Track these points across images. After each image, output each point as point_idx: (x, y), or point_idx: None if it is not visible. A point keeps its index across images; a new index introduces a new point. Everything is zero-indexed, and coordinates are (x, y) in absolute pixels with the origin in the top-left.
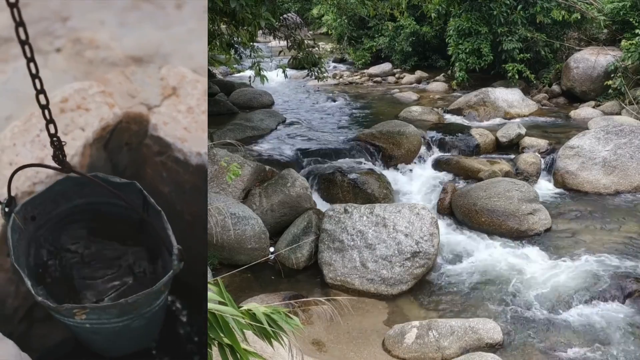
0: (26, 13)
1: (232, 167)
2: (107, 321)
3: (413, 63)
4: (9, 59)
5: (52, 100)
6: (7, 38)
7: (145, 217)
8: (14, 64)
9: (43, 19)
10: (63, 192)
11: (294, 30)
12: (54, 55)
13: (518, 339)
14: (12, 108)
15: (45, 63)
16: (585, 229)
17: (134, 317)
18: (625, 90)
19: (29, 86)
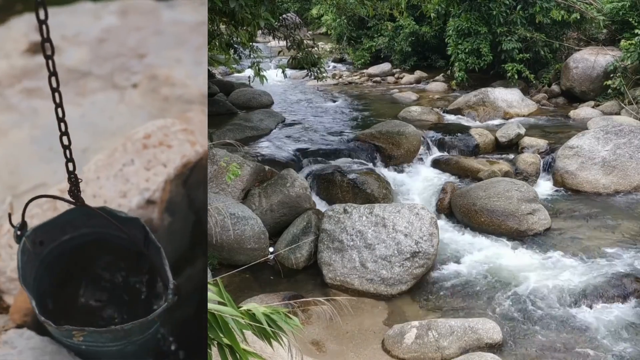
0: (103, 49)
1: (231, 167)
2: (102, 345)
3: (412, 63)
4: (86, 93)
5: (135, 136)
6: (85, 72)
7: (145, 251)
8: (91, 97)
9: (120, 55)
10: (71, 221)
11: (293, 30)
12: (130, 90)
13: (517, 339)
14: (88, 141)
15: (122, 98)
16: (585, 228)
17: (126, 343)
18: (624, 90)
19: (105, 120)
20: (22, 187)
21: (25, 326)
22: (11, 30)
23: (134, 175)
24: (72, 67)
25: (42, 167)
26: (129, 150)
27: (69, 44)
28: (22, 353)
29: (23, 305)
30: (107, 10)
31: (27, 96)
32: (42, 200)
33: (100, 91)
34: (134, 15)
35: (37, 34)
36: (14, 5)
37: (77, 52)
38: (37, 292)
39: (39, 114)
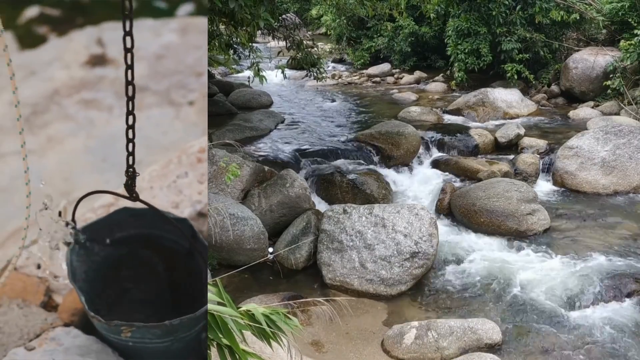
0: (162, 65)
1: (231, 168)
2: (149, 341)
3: (412, 63)
4: (143, 108)
5: (190, 150)
6: (143, 87)
7: (193, 248)
8: (147, 112)
9: (178, 72)
10: (119, 221)
11: (292, 31)
12: (186, 107)
13: (517, 339)
14: (142, 154)
15: (177, 114)
16: (584, 229)
17: (173, 339)
18: (624, 91)
19: (159, 134)
20: (75, 194)
21: (72, 325)
22: (72, 42)
23: (187, 188)
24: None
25: (95, 177)
26: (184, 163)
27: None
28: (68, 350)
29: (71, 305)
30: (167, 28)
31: (84, 107)
32: (95, 205)
33: (156, 106)
34: (194, 34)
35: (98, 46)
36: (74, 18)
37: (135, 66)
38: (86, 289)
39: (95, 125)
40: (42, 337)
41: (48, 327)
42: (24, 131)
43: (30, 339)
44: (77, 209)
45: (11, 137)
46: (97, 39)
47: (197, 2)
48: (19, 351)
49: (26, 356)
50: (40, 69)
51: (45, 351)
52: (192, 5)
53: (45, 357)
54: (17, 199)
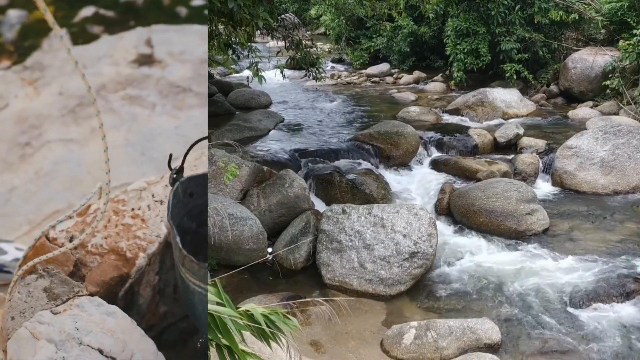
0: (205, 69)
1: (230, 168)
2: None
3: (411, 63)
4: (184, 107)
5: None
6: (185, 88)
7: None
8: (187, 112)
9: None
10: (205, 186)
11: (291, 31)
12: None
13: (516, 339)
14: (180, 151)
15: None
16: (584, 229)
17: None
18: (623, 91)
19: (197, 134)
20: (113, 184)
21: (96, 295)
22: (122, 40)
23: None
24: (174, 82)
25: (133, 169)
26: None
27: (174, 60)
28: (91, 316)
29: (98, 277)
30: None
31: (128, 102)
32: (129, 188)
33: (197, 107)
34: None
35: (146, 47)
36: (128, 20)
37: (180, 68)
38: (180, 231)
39: (137, 120)
40: (68, 303)
41: (74, 295)
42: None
43: (57, 305)
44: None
45: (56, 126)
46: (147, 40)
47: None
48: (45, 314)
49: (52, 319)
50: (89, 64)
51: (70, 315)
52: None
53: (69, 320)
54: (58, 184)
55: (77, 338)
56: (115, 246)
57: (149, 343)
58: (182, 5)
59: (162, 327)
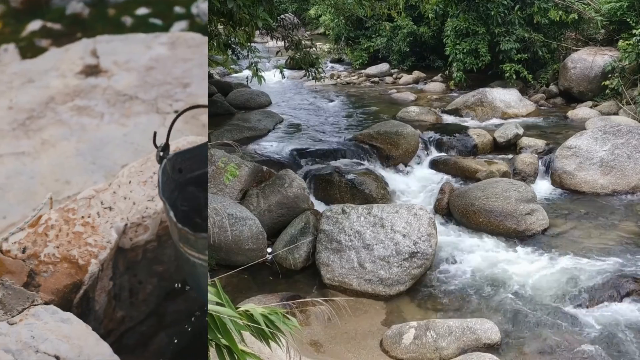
0: (151, 76)
1: (229, 168)
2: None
3: (410, 63)
4: (131, 115)
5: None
6: (132, 96)
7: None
8: (135, 119)
9: (166, 83)
10: (204, 156)
11: (291, 31)
12: (172, 115)
13: (516, 339)
14: (129, 158)
15: (163, 122)
16: (583, 229)
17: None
18: (622, 91)
19: (145, 140)
20: (66, 193)
21: (51, 304)
22: (69, 52)
23: None
24: (121, 90)
25: (85, 177)
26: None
27: (120, 69)
28: (47, 324)
29: (52, 286)
30: (157, 41)
31: (77, 113)
32: (79, 196)
33: (144, 114)
34: (182, 48)
35: (92, 57)
36: (75, 32)
37: (126, 77)
38: (172, 205)
39: (87, 130)
40: (24, 313)
41: (30, 304)
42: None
43: (13, 315)
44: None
45: (7, 140)
46: (92, 51)
47: (192, 19)
48: (2, 325)
49: (8, 329)
50: (38, 77)
51: (25, 324)
52: (187, 22)
53: (25, 329)
54: (11, 197)
55: (33, 346)
56: (67, 254)
57: (105, 347)
58: (128, 15)
59: (121, 331)
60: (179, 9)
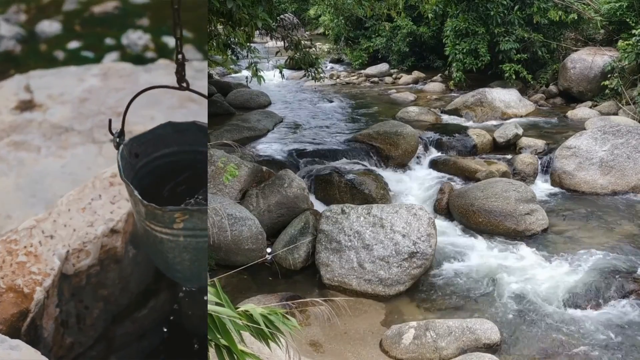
0: (85, 107)
1: (229, 168)
2: (199, 233)
3: (410, 63)
4: (68, 147)
5: (103, 176)
6: (68, 128)
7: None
8: (72, 150)
9: (100, 113)
10: (163, 136)
11: (290, 31)
12: (108, 144)
13: (515, 340)
14: (68, 189)
15: (100, 151)
16: (583, 229)
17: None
18: (622, 91)
19: (83, 170)
20: (7, 227)
21: (0, 333)
22: (2, 89)
23: (100, 208)
24: (56, 123)
25: (25, 211)
26: (97, 187)
27: (54, 102)
28: None
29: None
30: (89, 73)
31: (14, 148)
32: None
33: (81, 145)
34: (114, 78)
35: (26, 93)
36: (8, 69)
37: (61, 109)
38: (137, 186)
39: (25, 164)
40: None
41: None
42: None
43: None
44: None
45: None
46: (25, 86)
47: (123, 50)
48: None
49: None
50: None
51: None
52: (118, 53)
53: None
54: None
55: None
56: (12, 284)
57: (32, 350)
58: (59, 49)
59: (71, 358)
60: (110, 41)
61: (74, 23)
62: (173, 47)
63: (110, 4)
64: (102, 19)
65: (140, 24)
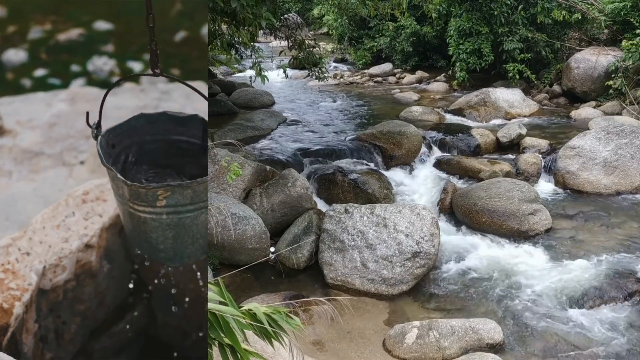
0: (54, 131)
1: (232, 167)
2: (182, 209)
3: (414, 63)
4: (39, 170)
5: (76, 193)
6: (38, 152)
7: (205, 144)
8: (43, 174)
9: (69, 136)
10: (136, 127)
11: (294, 31)
12: (79, 167)
13: (518, 339)
14: (40, 211)
15: (71, 173)
16: (586, 229)
17: (202, 205)
18: (626, 91)
19: (55, 192)
20: None
21: None
22: None
23: (74, 225)
24: (26, 148)
25: (0, 234)
26: (71, 204)
27: (23, 128)
28: None
29: None
30: (57, 98)
31: None
32: None
33: (52, 168)
34: (82, 103)
35: None
36: None
37: (30, 134)
38: (119, 170)
39: None
40: None
41: None
42: None
43: None
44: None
45: None
46: None
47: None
48: None
49: None
50: None
51: None
52: (84, 79)
53: None
54: None
55: None
56: None
57: None
58: (26, 77)
59: None
60: (76, 67)
61: (40, 51)
62: (138, 70)
63: (74, 31)
64: (68, 47)
65: (105, 50)
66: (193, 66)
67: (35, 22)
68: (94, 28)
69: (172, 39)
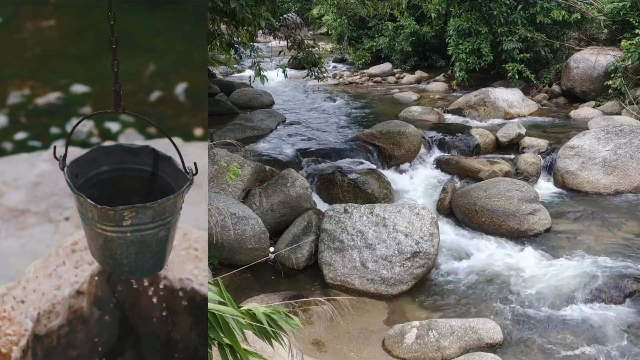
0: (39, 190)
1: (232, 167)
2: (144, 227)
3: (413, 63)
4: (26, 227)
5: (65, 244)
6: (24, 210)
7: (156, 170)
8: (30, 230)
9: (54, 194)
10: (95, 158)
11: (294, 30)
12: (64, 222)
13: (518, 339)
14: (27, 265)
15: (57, 229)
16: (585, 229)
17: (161, 224)
18: (625, 90)
19: (42, 247)
20: None
21: None
22: None
23: (65, 273)
24: (12, 207)
25: None
26: (61, 254)
27: (9, 188)
28: None
29: None
30: (40, 159)
31: None
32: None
33: (38, 225)
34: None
35: None
36: None
37: (16, 194)
38: (88, 195)
39: None
40: None
41: None
42: None
43: None
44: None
45: None
46: None
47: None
48: None
49: None
50: None
51: None
52: (63, 141)
53: None
54: None
55: None
56: None
57: None
58: (7, 141)
59: None
60: (55, 130)
61: (20, 115)
62: (115, 132)
63: (52, 95)
64: (47, 110)
65: (83, 112)
66: (169, 124)
67: (14, 87)
68: (71, 91)
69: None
